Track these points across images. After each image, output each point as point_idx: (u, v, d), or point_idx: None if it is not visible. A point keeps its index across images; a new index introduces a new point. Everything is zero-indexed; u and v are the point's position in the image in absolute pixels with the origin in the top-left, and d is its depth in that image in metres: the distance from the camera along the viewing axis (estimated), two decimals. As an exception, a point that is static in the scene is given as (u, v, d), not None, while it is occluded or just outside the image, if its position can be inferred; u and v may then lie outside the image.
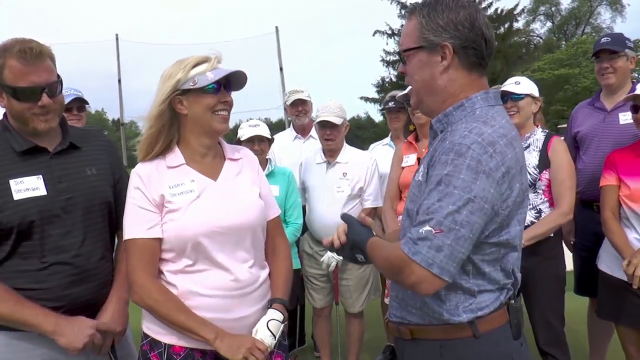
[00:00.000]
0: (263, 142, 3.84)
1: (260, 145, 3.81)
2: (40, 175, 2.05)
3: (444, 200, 1.43)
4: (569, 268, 3.33)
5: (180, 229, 1.94)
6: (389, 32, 32.29)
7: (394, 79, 32.08)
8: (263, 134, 3.82)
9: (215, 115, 2.00)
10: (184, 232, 1.94)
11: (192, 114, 1.99)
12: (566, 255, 3.42)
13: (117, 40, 18.36)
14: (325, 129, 3.87)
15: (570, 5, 44.78)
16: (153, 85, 2.05)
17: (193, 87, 1.94)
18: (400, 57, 1.70)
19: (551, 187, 3.14)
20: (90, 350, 2.05)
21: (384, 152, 4.43)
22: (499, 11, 31.68)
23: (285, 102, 4.84)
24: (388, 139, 4.67)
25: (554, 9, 45.41)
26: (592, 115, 3.62)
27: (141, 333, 2.05)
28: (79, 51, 22.60)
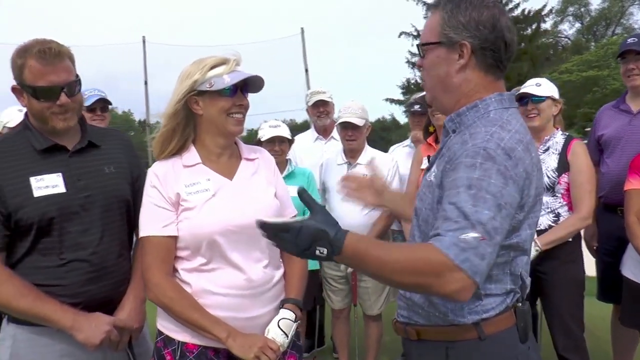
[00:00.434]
0: (283, 143, 3.85)
1: (280, 145, 3.82)
2: (60, 173, 2.07)
3: (479, 205, 1.37)
4: (589, 273, 3.26)
5: (196, 228, 1.96)
6: (415, 34, 32.04)
7: (419, 80, 31.82)
8: (283, 135, 3.82)
9: (230, 118, 2.01)
10: (199, 231, 1.95)
11: (207, 115, 2.00)
12: (589, 260, 3.35)
13: (144, 42, 18.59)
14: (346, 130, 3.85)
15: (600, 5, 43.84)
16: (178, 87, 2.05)
17: (209, 90, 1.96)
18: (419, 50, 1.68)
19: (570, 191, 3.08)
20: (107, 347, 2.07)
21: (404, 154, 4.39)
22: (526, 12, 31.10)
23: (307, 103, 4.80)
24: (408, 141, 4.60)
25: (583, 9, 44.46)
26: (617, 118, 3.55)
27: (156, 330, 2.08)
28: (109, 53, 22.97)
